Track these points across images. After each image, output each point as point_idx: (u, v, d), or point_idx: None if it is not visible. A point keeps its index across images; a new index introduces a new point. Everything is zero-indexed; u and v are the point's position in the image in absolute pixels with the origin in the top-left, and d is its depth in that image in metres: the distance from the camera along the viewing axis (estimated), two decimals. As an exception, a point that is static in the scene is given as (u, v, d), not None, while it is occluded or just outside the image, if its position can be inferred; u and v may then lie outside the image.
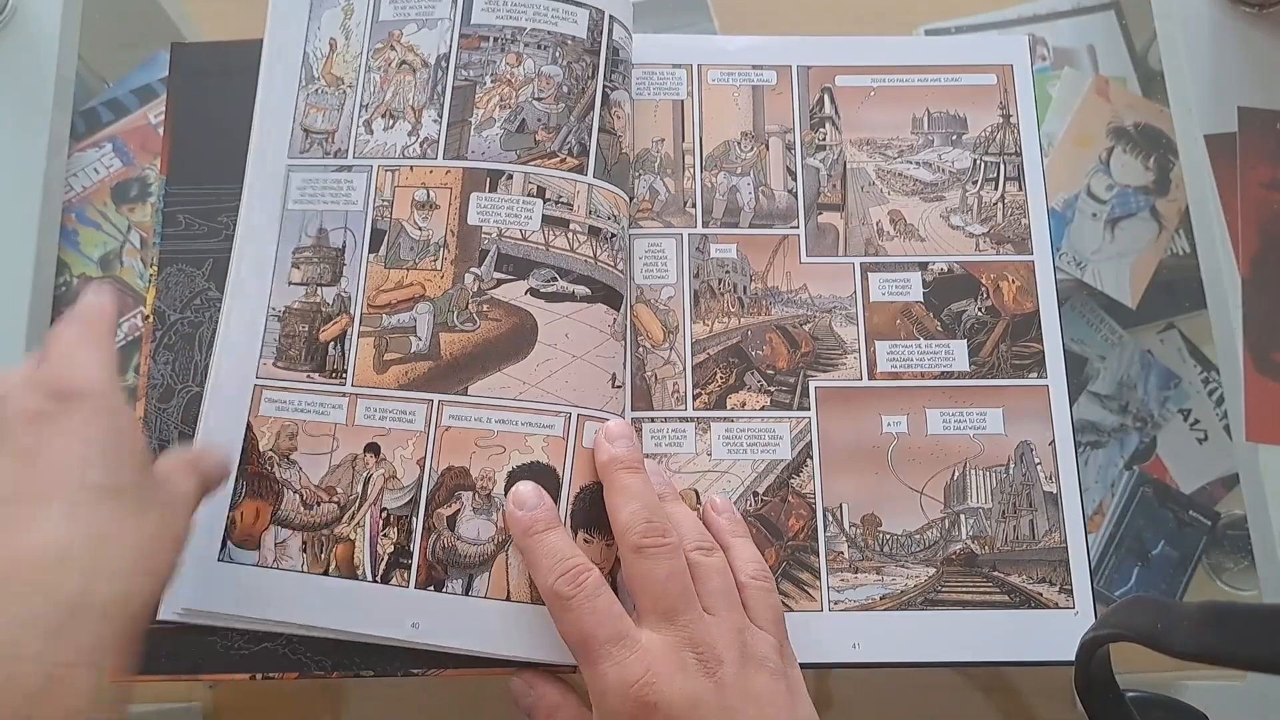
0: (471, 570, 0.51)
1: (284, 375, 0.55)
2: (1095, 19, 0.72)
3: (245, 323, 0.56)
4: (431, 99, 0.58)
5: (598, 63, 0.58)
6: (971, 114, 0.62)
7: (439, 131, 0.57)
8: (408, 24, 0.60)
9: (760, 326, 0.58)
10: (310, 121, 0.59)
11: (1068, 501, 0.54)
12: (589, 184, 0.56)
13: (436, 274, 0.55)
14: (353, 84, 0.59)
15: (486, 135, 0.57)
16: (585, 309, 0.54)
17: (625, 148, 0.58)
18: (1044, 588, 0.53)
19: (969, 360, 0.57)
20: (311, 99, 0.59)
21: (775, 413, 0.56)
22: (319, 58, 0.60)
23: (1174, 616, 0.37)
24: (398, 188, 0.57)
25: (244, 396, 0.55)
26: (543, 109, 0.57)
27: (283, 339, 0.56)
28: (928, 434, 0.55)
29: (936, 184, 0.60)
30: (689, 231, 0.59)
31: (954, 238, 0.59)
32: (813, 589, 0.53)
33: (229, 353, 0.55)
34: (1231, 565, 0.62)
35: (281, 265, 0.57)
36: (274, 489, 0.53)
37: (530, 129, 0.57)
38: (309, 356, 0.55)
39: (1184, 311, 0.66)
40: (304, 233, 0.57)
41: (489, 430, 0.52)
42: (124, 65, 0.69)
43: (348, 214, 0.57)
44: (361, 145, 0.58)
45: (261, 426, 0.54)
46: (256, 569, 0.52)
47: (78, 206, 0.65)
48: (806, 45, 0.63)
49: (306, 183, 0.58)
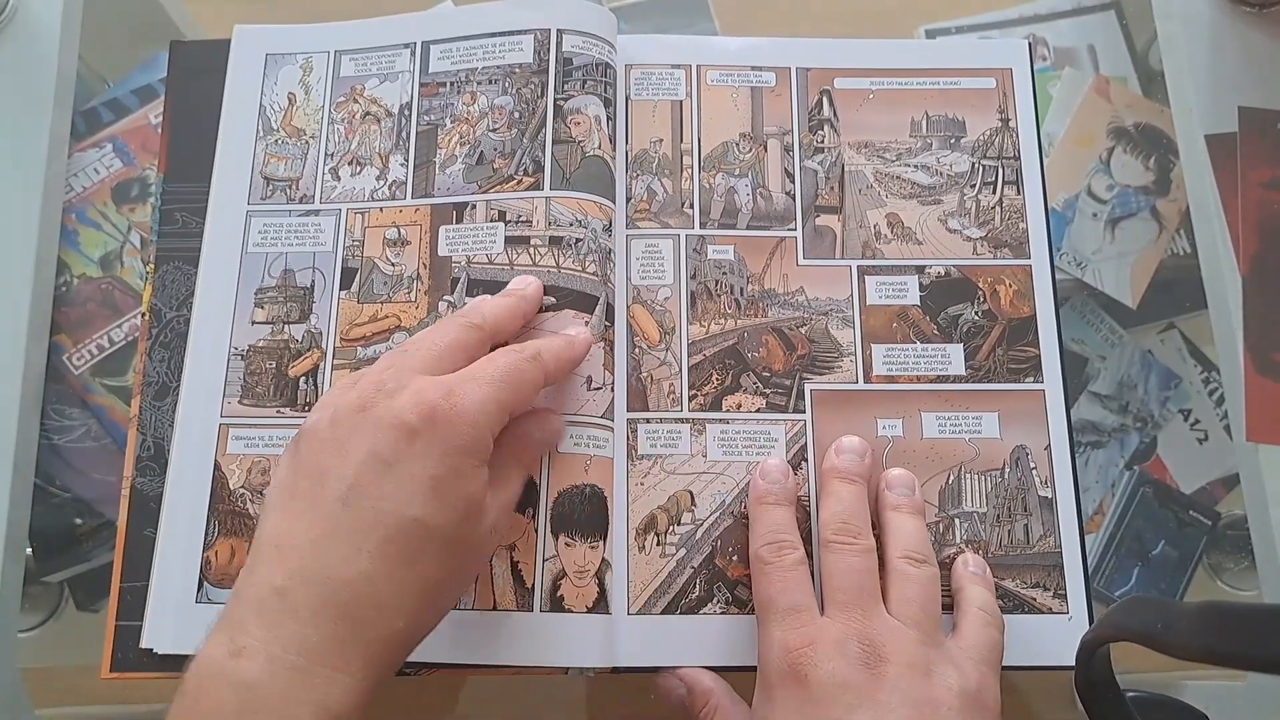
0: None
1: (251, 412, 0.56)
2: (1095, 19, 0.72)
3: (207, 363, 0.57)
4: (397, 145, 0.60)
5: (546, 80, 0.59)
6: (970, 118, 0.61)
7: (406, 174, 0.59)
8: (369, 78, 0.62)
9: (756, 328, 0.58)
10: (271, 170, 0.61)
11: (1063, 506, 0.54)
12: (546, 197, 0.57)
13: (411, 305, 0.57)
14: (315, 134, 0.61)
15: (450, 172, 0.59)
16: (552, 317, 0.54)
17: (593, 149, 0.58)
18: (1038, 593, 0.53)
19: (965, 364, 0.57)
20: (271, 149, 0.61)
21: (771, 415, 0.56)
22: (277, 111, 0.62)
23: (1174, 616, 0.37)
24: (368, 228, 0.59)
25: (210, 436, 0.56)
26: (497, 139, 0.59)
27: (247, 376, 0.57)
28: (923, 438, 0.55)
29: (934, 187, 0.60)
30: (686, 232, 0.59)
31: (951, 241, 0.59)
32: (808, 592, 0.53)
33: (192, 394, 0.57)
34: (1232, 565, 0.62)
35: (243, 306, 0.58)
36: (248, 526, 0.54)
37: (488, 159, 0.58)
38: (278, 392, 0.56)
39: (1184, 311, 0.66)
40: (267, 273, 0.58)
41: None
42: (124, 65, 0.69)
43: (315, 254, 0.59)
44: (329, 191, 0.60)
45: (230, 465, 0.55)
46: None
47: (78, 206, 0.66)
48: (806, 47, 0.63)
49: (268, 227, 0.59)
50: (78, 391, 0.62)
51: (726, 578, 0.53)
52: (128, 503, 0.55)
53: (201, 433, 0.56)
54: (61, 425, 0.62)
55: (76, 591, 0.61)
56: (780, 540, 0.50)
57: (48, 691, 0.59)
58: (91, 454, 0.62)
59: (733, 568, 0.53)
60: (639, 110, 0.61)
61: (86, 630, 0.60)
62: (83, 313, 0.64)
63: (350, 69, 0.62)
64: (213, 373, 0.57)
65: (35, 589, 0.61)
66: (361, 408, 0.43)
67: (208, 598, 0.53)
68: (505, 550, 0.52)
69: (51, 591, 0.61)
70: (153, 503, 0.55)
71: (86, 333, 0.63)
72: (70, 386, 0.62)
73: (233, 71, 0.63)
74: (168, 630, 0.53)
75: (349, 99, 0.62)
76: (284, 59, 0.63)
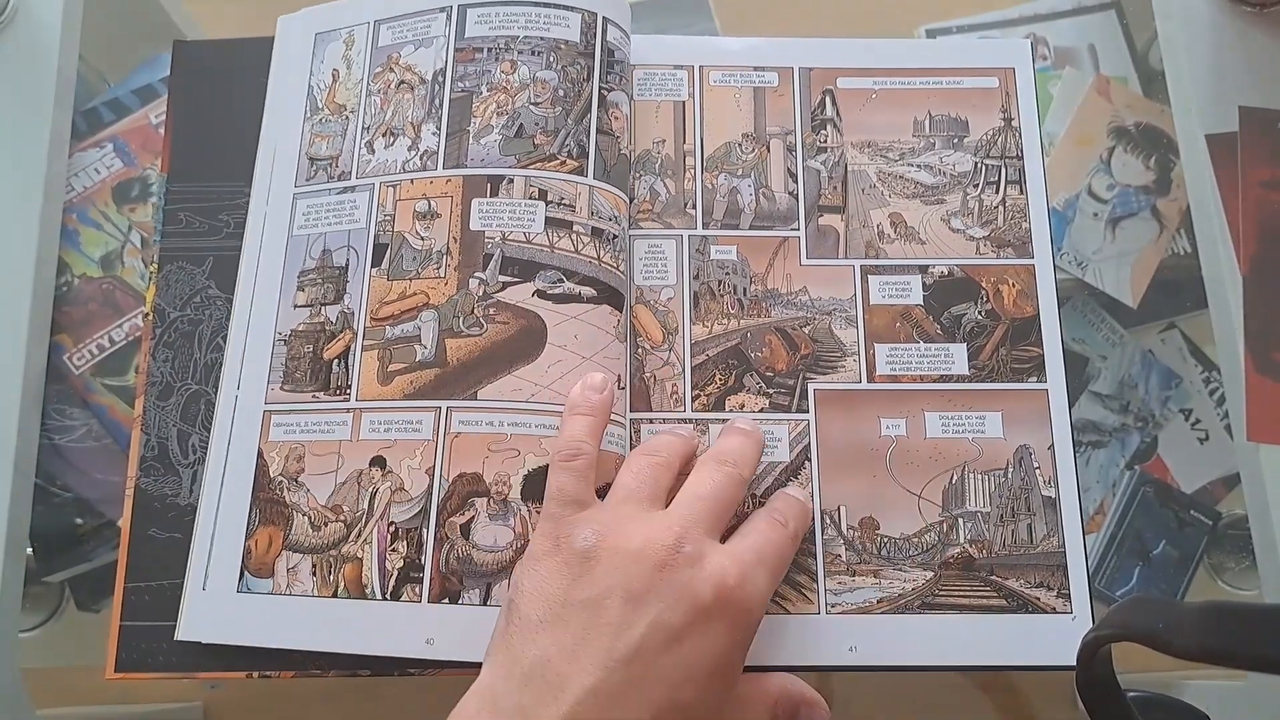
0: (489, 578, 0.51)
1: (290, 398, 0.55)
2: (1096, 18, 0.72)
3: (254, 349, 0.57)
4: (430, 113, 0.58)
5: (592, 65, 0.58)
6: (973, 117, 0.61)
7: (438, 143, 0.57)
8: (405, 45, 0.60)
9: (760, 328, 0.57)
10: (315, 150, 0.60)
11: (1066, 506, 0.54)
12: (590, 185, 0.56)
13: (440, 281, 0.55)
14: (355, 109, 0.60)
15: (485, 142, 0.57)
16: (592, 310, 0.54)
17: (624, 149, 0.58)
18: (1041, 592, 0.53)
19: (968, 364, 0.57)
20: (316, 128, 0.60)
21: (774, 415, 0.56)
22: (323, 89, 0.61)
23: (1175, 616, 0.36)
24: (399, 201, 0.57)
25: (254, 422, 0.55)
26: (540, 113, 0.57)
27: (289, 362, 0.56)
28: (926, 437, 0.55)
29: (937, 187, 0.60)
30: (689, 233, 0.59)
31: (954, 241, 0.59)
32: (810, 591, 0.53)
33: (236, 381, 0.56)
34: (1233, 565, 0.62)
35: (287, 290, 0.57)
36: (284, 514, 0.54)
37: (528, 133, 0.57)
38: (313, 376, 0.55)
39: (1185, 311, 0.66)
40: (308, 255, 0.58)
41: (501, 434, 0.52)
42: (125, 65, 0.69)
43: (350, 232, 0.57)
44: (364, 165, 0.58)
45: (271, 452, 0.55)
46: (272, 597, 0.52)
47: (79, 206, 0.66)
48: (808, 47, 0.63)
49: (311, 208, 0.58)
50: (79, 391, 0.62)
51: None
52: (132, 503, 0.55)
53: (246, 420, 0.55)
54: (62, 425, 0.62)
55: (77, 591, 0.61)
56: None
57: (48, 691, 0.59)
58: (92, 454, 0.62)
59: None
60: (642, 110, 0.61)
61: (87, 630, 0.60)
62: (83, 313, 0.64)
63: (388, 38, 0.61)
64: (258, 359, 0.56)
65: (36, 589, 0.61)
66: (661, 565, 0.43)
67: (248, 587, 0.53)
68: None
69: (52, 591, 0.61)
70: (157, 502, 0.55)
71: (87, 332, 0.63)
72: (71, 386, 0.62)
73: (278, 61, 0.62)
74: (206, 622, 0.52)
75: (385, 68, 0.60)
76: (330, 36, 0.62)
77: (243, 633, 0.52)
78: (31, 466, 0.60)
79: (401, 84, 0.59)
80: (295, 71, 0.62)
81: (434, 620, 0.50)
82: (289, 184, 0.59)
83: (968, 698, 0.59)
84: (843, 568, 0.54)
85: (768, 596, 0.45)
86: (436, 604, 0.51)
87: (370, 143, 0.59)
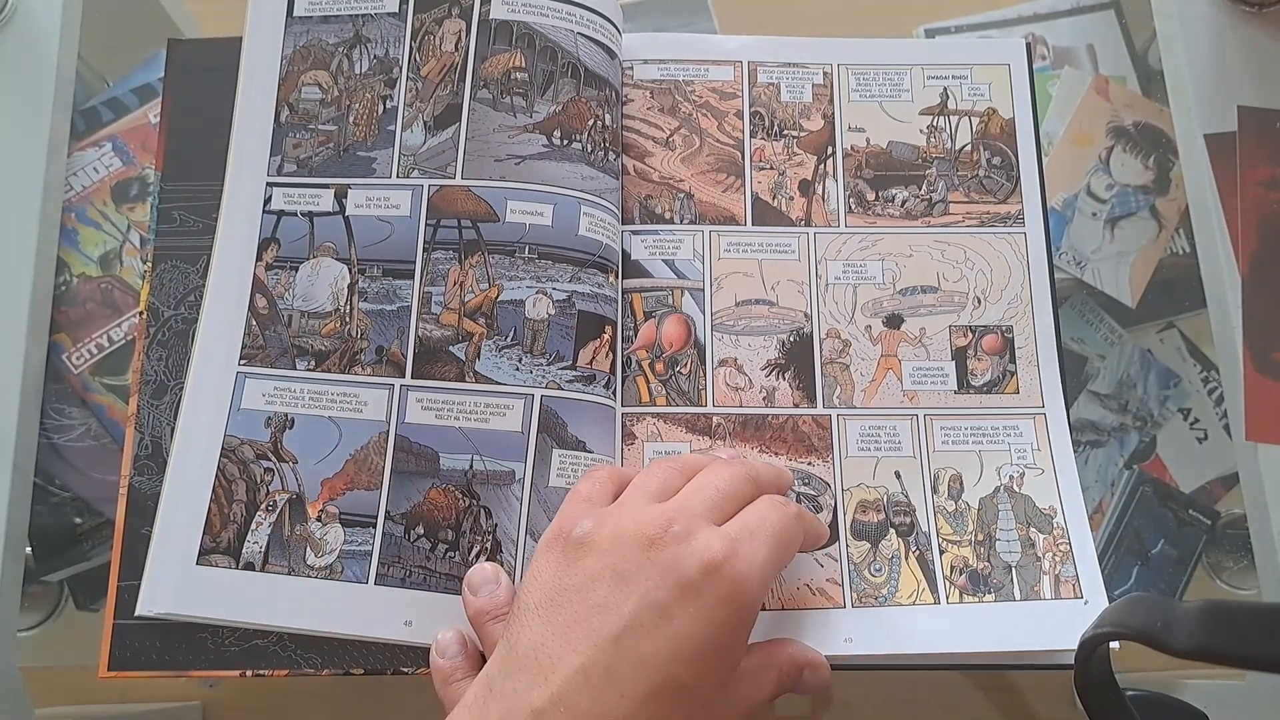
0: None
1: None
2: (1095, 18, 0.72)
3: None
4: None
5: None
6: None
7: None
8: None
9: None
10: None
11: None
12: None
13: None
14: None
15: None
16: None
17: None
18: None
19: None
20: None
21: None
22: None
23: (1174, 615, 0.37)
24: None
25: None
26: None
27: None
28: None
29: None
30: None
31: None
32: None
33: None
34: (1231, 564, 0.62)
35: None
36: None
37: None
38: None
39: (1184, 311, 0.66)
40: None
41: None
42: (124, 64, 0.69)
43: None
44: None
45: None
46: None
47: (78, 206, 0.66)
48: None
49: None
50: (77, 390, 0.62)
51: None
52: (125, 501, 0.55)
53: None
54: (61, 424, 0.62)
55: (76, 591, 0.61)
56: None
57: (47, 691, 0.59)
58: (91, 453, 0.62)
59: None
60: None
61: (86, 630, 0.60)
62: (82, 312, 0.64)
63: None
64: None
65: (35, 588, 0.61)
66: (649, 544, 0.43)
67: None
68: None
69: (51, 591, 0.61)
70: (151, 501, 0.55)
71: (86, 332, 0.63)
72: (70, 385, 0.62)
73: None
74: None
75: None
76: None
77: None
78: (30, 466, 0.60)
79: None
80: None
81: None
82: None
83: (968, 698, 0.59)
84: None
85: (766, 574, 0.44)
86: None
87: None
